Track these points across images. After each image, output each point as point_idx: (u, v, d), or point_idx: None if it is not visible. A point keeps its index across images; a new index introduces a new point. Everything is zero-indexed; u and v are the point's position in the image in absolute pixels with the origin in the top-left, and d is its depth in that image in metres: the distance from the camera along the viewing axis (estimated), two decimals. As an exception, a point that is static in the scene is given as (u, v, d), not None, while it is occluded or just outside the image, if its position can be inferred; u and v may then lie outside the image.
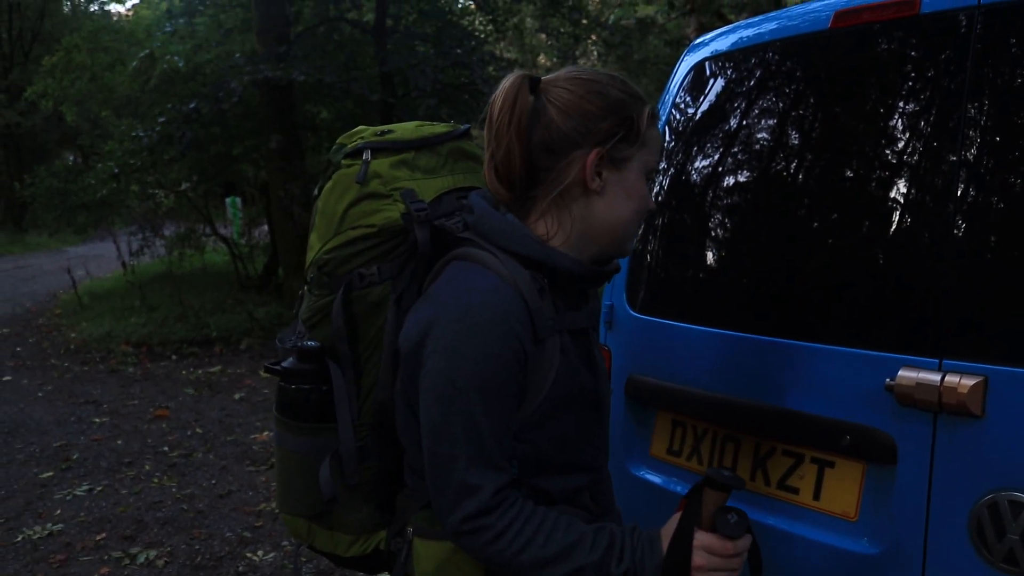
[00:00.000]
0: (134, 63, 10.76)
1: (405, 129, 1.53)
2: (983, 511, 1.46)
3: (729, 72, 2.17)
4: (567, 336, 1.36)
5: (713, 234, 2.10)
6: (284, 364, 1.50)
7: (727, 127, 2.12)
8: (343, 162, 1.49)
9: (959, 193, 1.57)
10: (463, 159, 1.55)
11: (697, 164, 2.18)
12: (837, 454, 1.71)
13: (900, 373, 1.54)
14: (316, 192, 1.54)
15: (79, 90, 12.49)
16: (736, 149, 2.07)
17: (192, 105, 8.88)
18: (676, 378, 2.04)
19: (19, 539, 4.29)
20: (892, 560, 1.59)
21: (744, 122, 2.07)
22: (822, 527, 1.73)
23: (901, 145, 1.71)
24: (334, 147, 1.55)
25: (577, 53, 15.80)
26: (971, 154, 1.57)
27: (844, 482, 1.71)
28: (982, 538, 1.46)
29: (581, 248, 1.37)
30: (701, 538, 1.28)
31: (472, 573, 1.36)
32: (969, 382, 1.46)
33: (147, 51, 10.48)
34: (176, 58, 9.84)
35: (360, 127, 1.57)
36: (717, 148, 2.13)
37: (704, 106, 2.22)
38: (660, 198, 2.25)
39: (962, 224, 1.56)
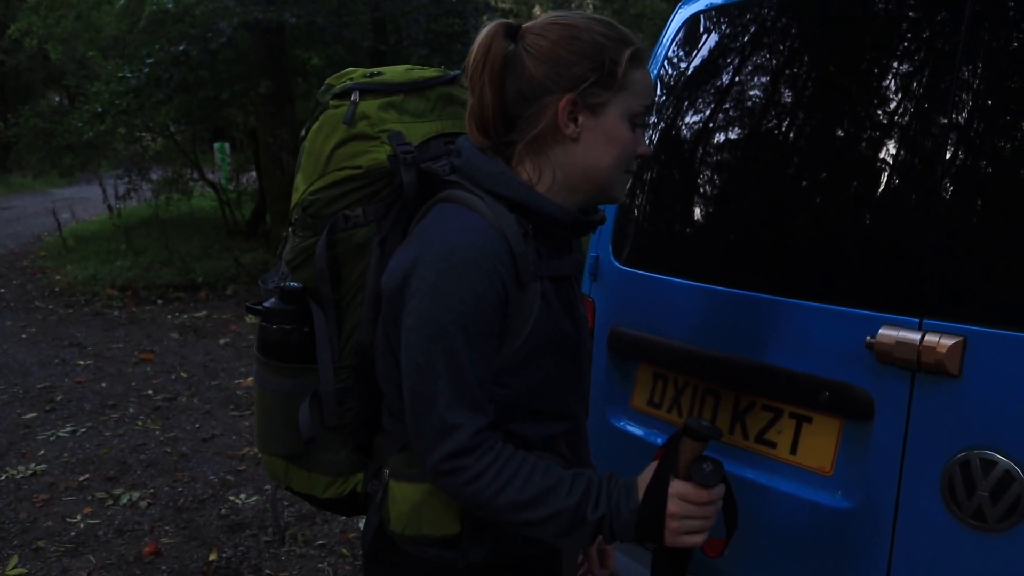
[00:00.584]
0: (121, 2, 10.55)
1: (395, 72, 1.51)
2: (955, 468, 1.48)
3: (723, 26, 2.15)
4: (548, 283, 1.36)
5: (700, 189, 2.10)
6: (266, 304, 1.49)
7: (718, 82, 2.11)
8: (331, 103, 1.47)
9: (948, 156, 1.57)
10: (451, 104, 1.53)
11: (687, 119, 2.17)
12: (815, 410, 1.73)
13: (880, 331, 1.55)
14: (303, 133, 1.52)
15: (64, 29, 12.26)
16: (727, 105, 2.06)
17: (181, 47, 8.75)
18: (659, 331, 2.06)
19: (2, 478, 4.32)
20: (864, 514, 1.62)
21: (736, 78, 2.06)
22: (798, 481, 1.76)
23: (892, 106, 1.71)
24: (322, 87, 1.53)
25: (572, 5, 15.59)
26: (962, 117, 1.57)
27: (821, 437, 1.73)
28: (953, 495, 1.49)
29: (566, 195, 1.37)
30: (676, 486, 1.28)
31: (447, 515, 1.38)
32: (948, 342, 1.47)
33: (135, -11, 10.28)
34: (165, -2, 9.66)
35: (349, 69, 1.55)
36: (708, 103, 2.12)
37: (696, 60, 2.21)
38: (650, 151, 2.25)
39: (949, 187, 1.56)
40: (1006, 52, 1.54)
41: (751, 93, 2.01)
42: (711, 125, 2.09)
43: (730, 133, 2.04)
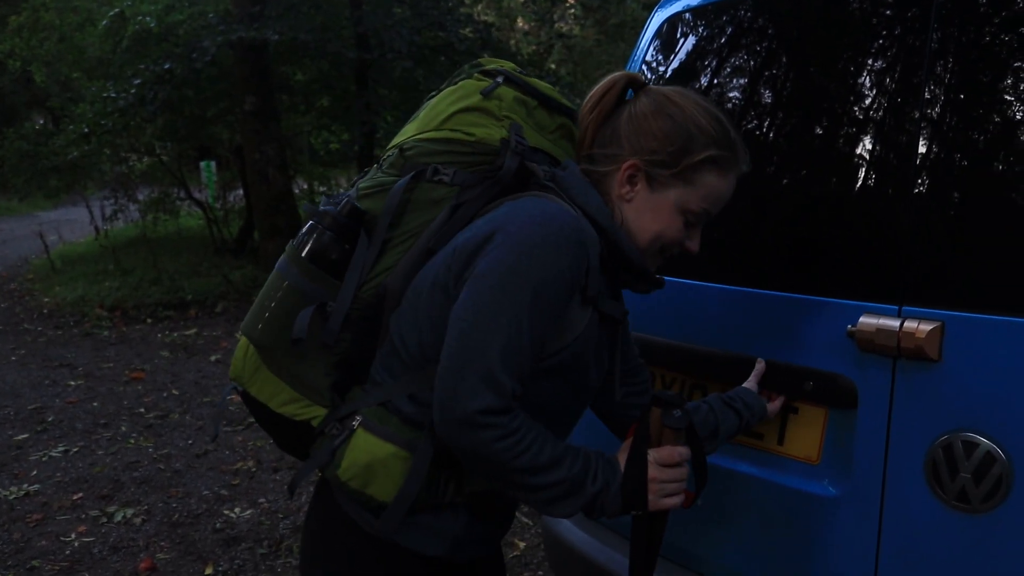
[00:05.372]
0: (104, 23, 10.57)
1: (540, 83, 1.60)
2: (938, 452, 1.51)
3: (700, 28, 2.19)
4: (596, 314, 1.41)
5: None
6: (325, 207, 1.50)
7: (697, 84, 2.14)
8: (475, 74, 1.56)
9: (922, 149, 1.60)
10: (566, 139, 1.61)
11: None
12: (801, 400, 1.76)
13: (861, 319, 1.58)
14: (433, 93, 1.61)
15: (48, 50, 12.29)
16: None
17: (166, 66, 8.77)
18: (644, 328, 2.08)
19: (-5, 498, 4.31)
20: (852, 501, 1.65)
21: (714, 79, 2.10)
22: (786, 471, 1.78)
23: (867, 101, 1.74)
24: (473, 63, 1.63)
25: (555, 17, 15.68)
26: (934, 112, 1.60)
27: (807, 427, 1.76)
28: (937, 478, 1.51)
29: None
30: (653, 453, 1.39)
31: (398, 477, 1.38)
32: (927, 327, 1.50)
33: (117, 10, 10.30)
34: (147, 18, 9.68)
35: (503, 60, 1.64)
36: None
37: (675, 63, 2.24)
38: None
39: (924, 177, 1.60)
40: (972, 46, 1.57)
41: (729, 93, 2.04)
42: (691, 125, 2.12)
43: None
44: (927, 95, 1.61)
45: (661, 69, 2.27)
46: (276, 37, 8.54)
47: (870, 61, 1.76)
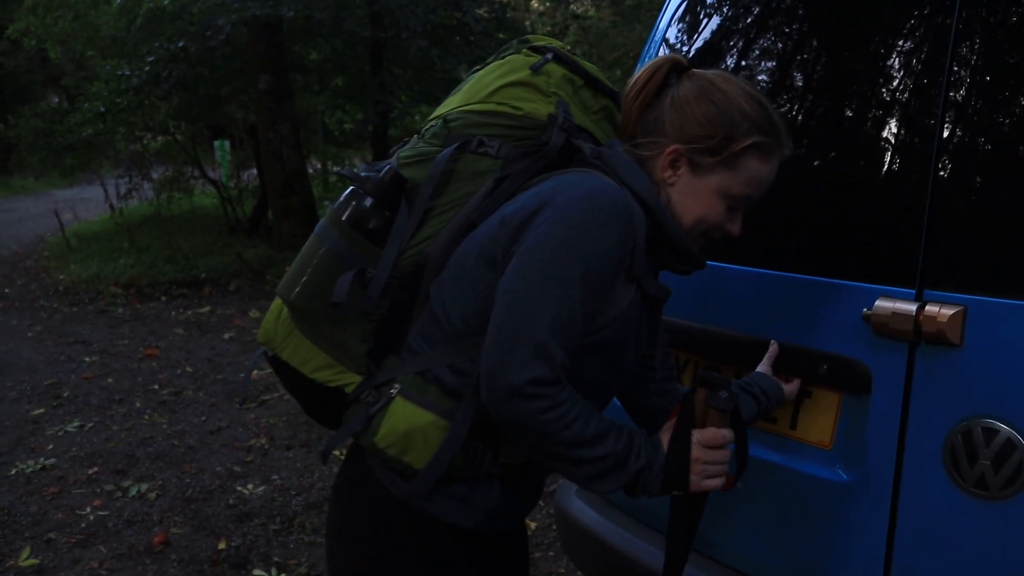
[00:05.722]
0: (118, 1, 10.57)
1: (586, 63, 1.60)
2: (957, 438, 1.49)
3: (722, 7, 2.17)
4: (639, 293, 1.41)
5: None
6: (365, 173, 1.49)
7: (717, 65, 2.12)
8: (524, 50, 1.57)
9: (946, 131, 1.58)
10: (607, 121, 1.61)
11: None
12: (814, 384, 1.75)
13: (877, 303, 1.57)
14: (478, 67, 1.62)
15: (63, 29, 12.30)
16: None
17: (180, 44, 8.77)
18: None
19: (12, 472, 4.35)
20: (864, 487, 1.63)
21: (734, 60, 2.07)
22: (798, 456, 1.77)
23: (890, 83, 1.72)
24: (520, 40, 1.63)
25: (569, -2, 15.58)
26: (959, 94, 1.58)
27: (820, 412, 1.74)
28: (955, 464, 1.50)
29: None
30: (697, 434, 1.39)
31: (435, 446, 1.38)
32: (949, 311, 1.48)
33: (132, -12, 10.31)
34: (162, -4, 9.68)
35: (550, 39, 1.64)
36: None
37: (696, 43, 2.22)
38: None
39: (948, 161, 1.57)
40: (998, 29, 1.55)
41: (748, 74, 2.02)
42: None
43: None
44: (951, 76, 1.58)
45: (683, 50, 2.24)
46: (291, 14, 8.53)
47: (893, 41, 1.73)
